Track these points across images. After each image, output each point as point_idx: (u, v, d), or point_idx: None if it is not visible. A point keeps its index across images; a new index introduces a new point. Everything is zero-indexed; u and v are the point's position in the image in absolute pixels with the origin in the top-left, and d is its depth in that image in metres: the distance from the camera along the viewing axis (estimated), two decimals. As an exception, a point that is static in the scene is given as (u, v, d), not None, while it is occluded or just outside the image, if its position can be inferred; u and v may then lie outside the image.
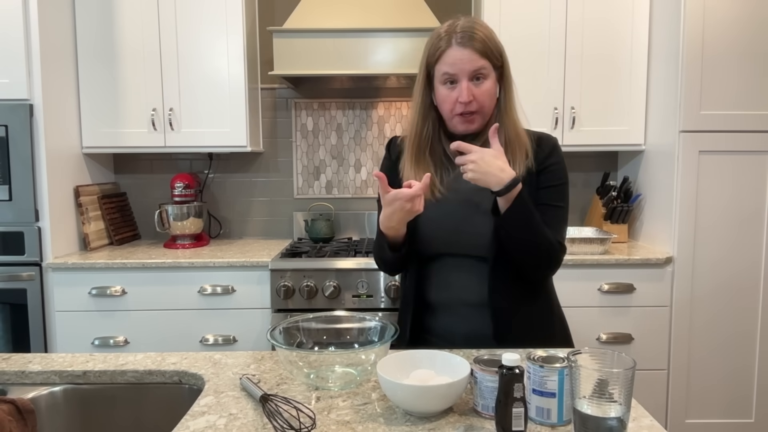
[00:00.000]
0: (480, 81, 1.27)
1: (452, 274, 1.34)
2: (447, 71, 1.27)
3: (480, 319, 1.31)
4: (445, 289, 1.34)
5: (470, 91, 1.26)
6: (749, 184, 2.30)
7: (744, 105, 2.28)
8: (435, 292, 1.36)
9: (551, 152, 1.32)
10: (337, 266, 2.31)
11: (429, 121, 1.35)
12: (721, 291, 2.33)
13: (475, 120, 1.29)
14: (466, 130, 1.30)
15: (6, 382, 1.17)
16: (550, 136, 1.36)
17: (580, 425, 0.85)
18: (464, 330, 1.33)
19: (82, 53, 2.54)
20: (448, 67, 1.27)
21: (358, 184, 2.98)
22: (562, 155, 1.35)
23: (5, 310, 2.31)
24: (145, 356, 1.25)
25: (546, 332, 1.35)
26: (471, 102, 1.26)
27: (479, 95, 1.27)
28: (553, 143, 1.34)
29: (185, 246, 2.65)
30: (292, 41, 2.44)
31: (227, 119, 2.57)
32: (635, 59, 2.53)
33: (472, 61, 1.25)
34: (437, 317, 1.37)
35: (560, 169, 1.33)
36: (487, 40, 1.27)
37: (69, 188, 2.50)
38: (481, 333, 1.31)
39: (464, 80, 1.26)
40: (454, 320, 1.34)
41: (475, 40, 1.25)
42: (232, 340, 2.37)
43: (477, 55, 1.25)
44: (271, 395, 0.97)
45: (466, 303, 1.33)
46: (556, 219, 1.30)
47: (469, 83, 1.26)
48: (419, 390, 0.92)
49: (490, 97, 1.29)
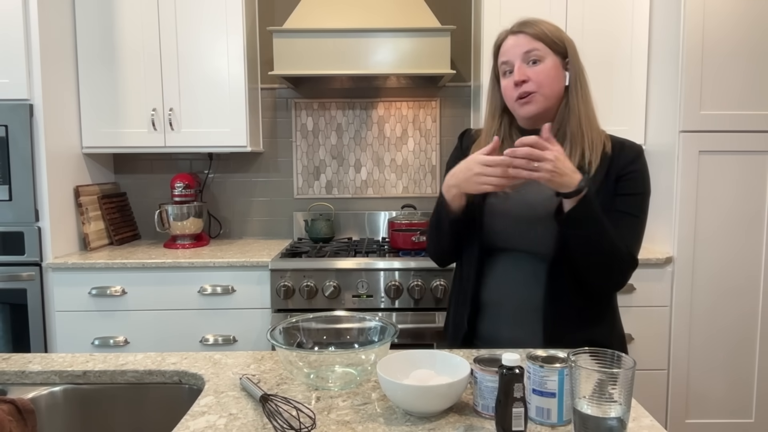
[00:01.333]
0: (536, 63, 1.25)
1: (508, 272, 1.30)
2: (503, 60, 1.28)
3: (530, 324, 1.27)
4: (497, 287, 1.30)
5: (522, 70, 1.24)
6: (749, 184, 2.30)
7: (744, 105, 2.28)
8: (488, 292, 1.32)
9: (634, 159, 1.27)
10: (337, 266, 2.31)
11: (497, 120, 1.34)
12: (721, 291, 2.33)
13: (534, 100, 1.25)
14: (527, 112, 1.27)
15: (6, 382, 1.17)
16: (636, 143, 1.31)
17: (580, 425, 0.85)
18: (510, 335, 1.29)
19: (82, 53, 2.54)
20: (503, 56, 1.28)
21: (358, 184, 2.98)
22: (646, 165, 1.29)
23: (5, 310, 2.31)
24: (145, 356, 1.25)
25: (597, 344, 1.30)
26: (525, 82, 1.24)
27: (534, 75, 1.24)
28: (637, 150, 1.29)
29: (185, 246, 2.65)
30: (292, 41, 2.44)
31: (227, 119, 2.57)
32: (635, 59, 2.53)
33: (523, 44, 1.25)
34: (484, 319, 1.33)
35: (641, 178, 1.27)
36: (542, 26, 1.27)
37: (69, 188, 2.50)
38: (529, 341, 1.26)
39: (517, 62, 1.25)
40: (503, 323, 1.30)
41: (529, 26, 1.26)
42: (232, 340, 2.37)
43: (529, 38, 1.25)
44: (271, 395, 0.97)
45: (518, 303, 1.28)
46: (629, 229, 1.24)
47: (522, 64, 1.25)
48: (419, 390, 0.92)
49: (549, 78, 1.25)
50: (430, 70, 2.46)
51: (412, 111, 2.95)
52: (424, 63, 2.45)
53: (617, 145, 1.28)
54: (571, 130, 1.26)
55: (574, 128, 1.26)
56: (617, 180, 1.25)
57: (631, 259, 1.24)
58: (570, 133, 1.26)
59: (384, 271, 2.29)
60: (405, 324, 2.26)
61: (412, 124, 2.94)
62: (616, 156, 1.26)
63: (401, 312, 2.29)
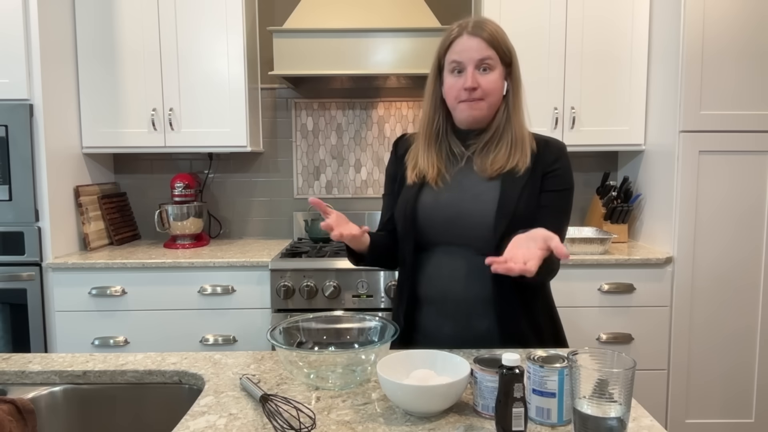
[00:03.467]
0: (486, 72, 1.28)
1: (445, 267, 1.32)
2: (455, 59, 1.29)
3: (470, 318, 1.30)
4: (434, 282, 1.33)
5: (475, 78, 1.27)
6: (749, 184, 2.30)
7: (744, 105, 2.28)
8: (425, 287, 1.34)
9: (558, 156, 1.32)
10: (337, 266, 2.31)
11: (440, 113, 1.37)
12: (721, 291, 2.33)
13: (480, 107, 1.29)
14: (470, 116, 1.30)
15: (6, 382, 1.17)
16: (559, 140, 1.36)
17: (580, 425, 0.85)
18: (451, 331, 1.31)
19: (82, 53, 2.54)
20: (456, 55, 1.29)
21: (358, 184, 2.98)
22: (569, 161, 1.34)
23: (5, 310, 2.31)
24: (145, 356, 1.25)
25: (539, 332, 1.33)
26: (476, 89, 1.27)
27: (485, 83, 1.27)
28: (560, 147, 1.34)
29: (185, 246, 2.65)
30: (292, 41, 2.44)
31: (227, 119, 2.57)
32: (635, 59, 2.53)
33: (479, 50, 1.27)
34: (425, 313, 1.35)
35: (566, 174, 1.32)
36: (496, 34, 1.29)
37: (69, 188, 2.50)
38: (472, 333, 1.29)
39: (470, 67, 1.27)
40: (442, 317, 1.32)
41: (485, 31, 1.28)
42: (232, 340, 2.37)
43: (485, 44, 1.27)
44: (271, 395, 0.97)
45: (456, 298, 1.30)
46: (556, 225, 1.27)
47: (474, 71, 1.27)
48: (419, 390, 0.92)
49: (496, 88, 1.29)
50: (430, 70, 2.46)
51: (412, 111, 2.95)
52: (424, 63, 2.45)
53: (541, 143, 1.33)
54: (510, 136, 1.31)
55: (511, 134, 1.32)
56: (543, 176, 1.30)
57: None
58: (509, 139, 1.31)
59: (384, 271, 2.29)
60: (405, 324, 2.26)
61: (412, 124, 2.94)
62: (541, 154, 1.31)
63: (401, 312, 2.29)
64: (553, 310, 1.40)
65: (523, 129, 1.33)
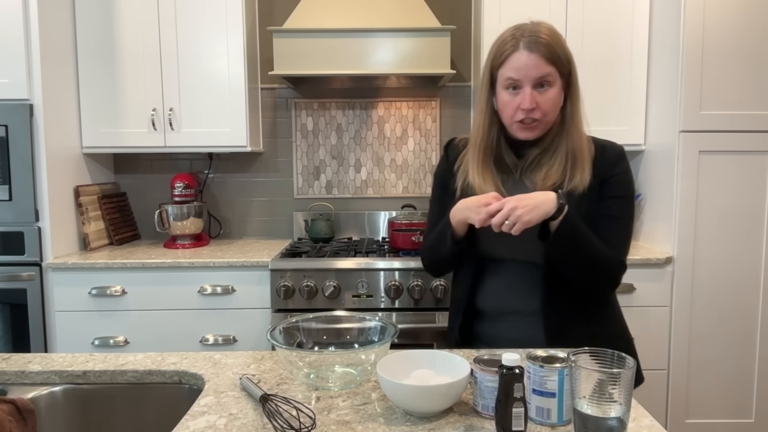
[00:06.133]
0: (545, 88, 1.22)
1: (506, 280, 1.30)
2: (511, 76, 1.22)
3: (529, 328, 1.28)
4: (497, 295, 1.31)
5: (533, 98, 1.21)
6: (749, 184, 2.30)
7: (744, 105, 2.28)
8: (486, 298, 1.33)
9: (617, 162, 1.26)
10: (337, 266, 2.31)
11: (495, 127, 1.30)
12: (721, 291, 2.33)
13: (537, 128, 1.24)
14: (526, 137, 1.26)
15: (6, 382, 1.17)
16: (616, 144, 1.30)
17: (580, 425, 0.85)
18: (513, 337, 1.30)
19: (82, 53, 2.54)
20: (512, 72, 1.22)
21: (358, 184, 2.98)
22: (629, 166, 1.28)
23: (5, 310, 2.31)
24: (145, 356, 1.25)
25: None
26: (534, 110, 1.21)
27: (543, 103, 1.22)
28: (619, 152, 1.28)
29: (185, 246, 2.65)
30: (292, 41, 2.44)
31: (227, 119, 2.57)
32: (635, 59, 2.53)
33: (538, 67, 1.20)
34: (485, 324, 1.34)
35: (625, 180, 1.27)
36: (555, 46, 1.22)
37: (69, 188, 2.50)
38: (531, 342, 1.27)
39: (528, 86, 1.21)
40: (504, 327, 1.31)
41: (543, 45, 1.21)
42: (232, 340, 2.37)
43: (544, 61, 1.20)
44: (271, 395, 0.97)
45: (518, 310, 1.29)
46: (617, 233, 1.24)
47: (533, 90, 1.21)
48: (419, 390, 0.92)
49: (554, 105, 1.24)
50: (430, 70, 2.46)
51: (412, 111, 2.95)
52: (424, 63, 2.45)
53: (599, 148, 1.28)
54: (566, 148, 1.26)
55: (567, 146, 1.26)
56: (602, 183, 1.25)
57: (620, 264, 1.25)
58: (564, 152, 1.26)
59: (384, 271, 2.29)
60: (405, 324, 2.26)
61: (412, 124, 2.94)
62: (599, 159, 1.26)
63: (401, 312, 2.29)
64: (621, 325, 1.36)
65: (582, 139, 1.27)
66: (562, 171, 1.24)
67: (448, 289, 2.27)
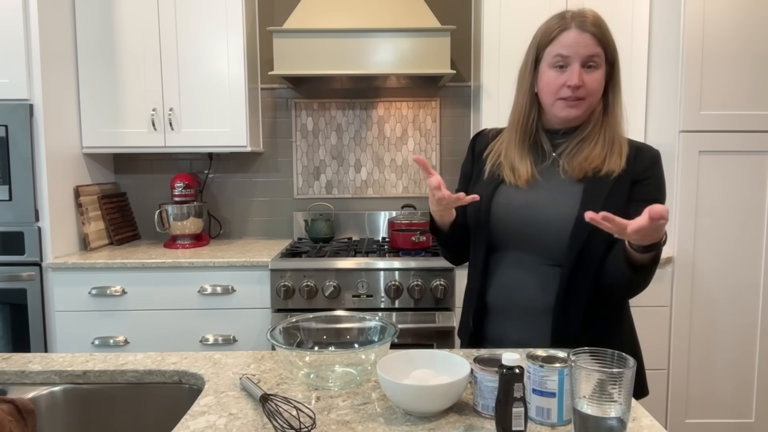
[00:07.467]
0: (591, 69, 1.21)
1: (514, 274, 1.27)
2: (561, 53, 1.20)
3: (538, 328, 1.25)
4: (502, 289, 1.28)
5: (581, 75, 1.19)
6: (749, 184, 2.30)
7: (744, 105, 2.28)
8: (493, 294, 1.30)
9: (651, 165, 1.24)
10: (337, 266, 2.31)
11: (535, 108, 1.28)
12: (721, 291, 2.33)
13: (581, 106, 1.22)
14: (568, 115, 1.23)
15: (6, 382, 1.17)
16: (652, 148, 1.28)
17: (580, 425, 0.85)
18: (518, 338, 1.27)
19: (82, 53, 2.54)
20: (562, 49, 1.20)
21: (358, 184, 2.98)
22: (662, 170, 1.26)
23: (5, 310, 2.31)
24: (145, 356, 1.25)
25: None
26: (580, 87, 1.19)
27: (589, 83, 1.20)
28: (654, 155, 1.26)
29: (185, 246, 2.65)
30: (292, 41, 2.44)
31: (227, 119, 2.57)
32: (635, 59, 2.53)
33: (588, 46, 1.19)
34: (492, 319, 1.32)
35: (658, 184, 1.24)
36: (605, 30, 1.22)
37: (69, 188, 2.50)
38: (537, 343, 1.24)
39: (576, 63, 1.20)
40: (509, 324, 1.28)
41: (594, 26, 1.21)
42: (232, 340, 2.37)
43: (595, 41, 1.20)
44: (271, 395, 0.97)
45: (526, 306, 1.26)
46: None
47: (580, 68, 1.20)
48: (419, 390, 0.92)
49: (599, 87, 1.22)
50: (430, 70, 2.46)
51: (412, 111, 2.95)
52: (424, 63, 2.45)
53: (633, 149, 1.26)
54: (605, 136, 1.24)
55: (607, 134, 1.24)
56: (633, 184, 1.23)
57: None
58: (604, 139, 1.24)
59: (384, 271, 2.29)
60: (405, 324, 2.26)
61: (412, 124, 2.94)
62: (632, 160, 1.24)
63: (401, 312, 2.29)
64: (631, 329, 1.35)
65: (620, 130, 1.25)
66: (603, 157, 1.23)
67: (449, 289, 2.27)
